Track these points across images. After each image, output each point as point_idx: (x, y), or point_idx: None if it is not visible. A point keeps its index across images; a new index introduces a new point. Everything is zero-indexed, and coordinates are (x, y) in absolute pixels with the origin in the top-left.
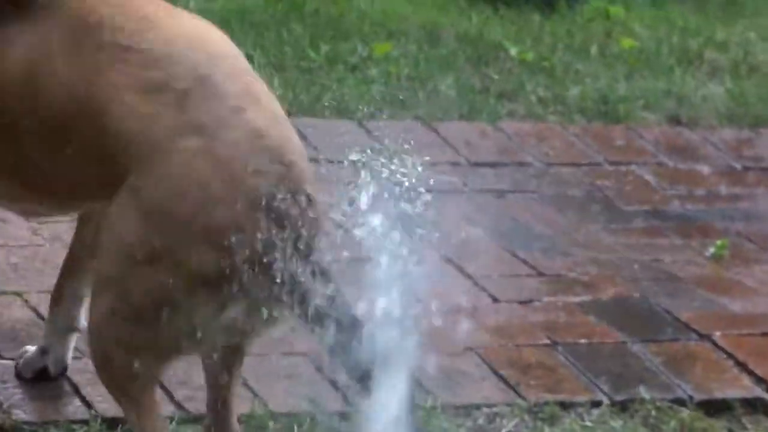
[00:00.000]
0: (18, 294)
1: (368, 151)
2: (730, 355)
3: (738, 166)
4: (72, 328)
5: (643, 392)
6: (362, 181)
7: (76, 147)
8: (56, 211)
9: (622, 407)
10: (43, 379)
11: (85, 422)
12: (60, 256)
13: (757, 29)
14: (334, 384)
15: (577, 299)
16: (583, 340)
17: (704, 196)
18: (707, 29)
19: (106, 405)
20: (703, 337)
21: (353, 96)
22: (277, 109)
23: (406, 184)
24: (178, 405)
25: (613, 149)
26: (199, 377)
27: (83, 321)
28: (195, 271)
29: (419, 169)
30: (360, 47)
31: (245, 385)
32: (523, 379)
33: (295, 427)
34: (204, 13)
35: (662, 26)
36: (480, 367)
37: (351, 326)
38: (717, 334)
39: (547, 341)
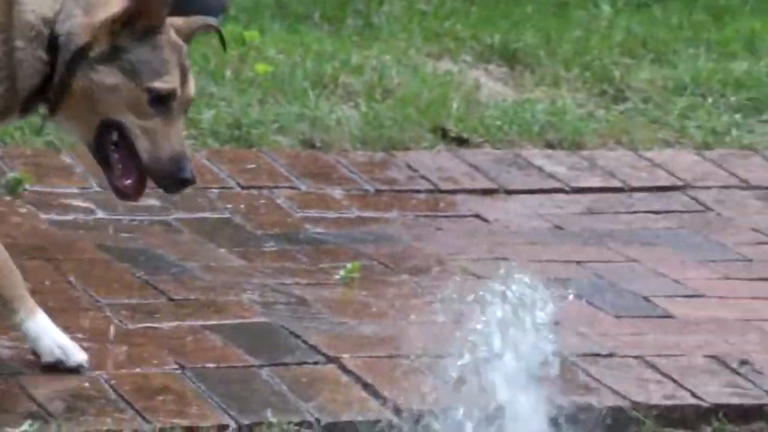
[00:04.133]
0: None
1: None
2: (357, 378)
3: (371, 188)
4: None
5: (270, 416)
6: None
7: None
8: None
9: (250, 431)
10: None
11: None
12: None
13: (392, 52)
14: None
15: (205, 323)
16: (211, 364)
17: (336, 219)
18: (343, 53)
19: None
20: (331, 360)
21: None
22: None
23: None
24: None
25: (245, 173)
26: None
27: None
28: None
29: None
30: None
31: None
32: (150, 404)
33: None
34: None
35: (297, 51)
36: (107, 392)
37: None
38: (345, 357)
39: (175, 366)
